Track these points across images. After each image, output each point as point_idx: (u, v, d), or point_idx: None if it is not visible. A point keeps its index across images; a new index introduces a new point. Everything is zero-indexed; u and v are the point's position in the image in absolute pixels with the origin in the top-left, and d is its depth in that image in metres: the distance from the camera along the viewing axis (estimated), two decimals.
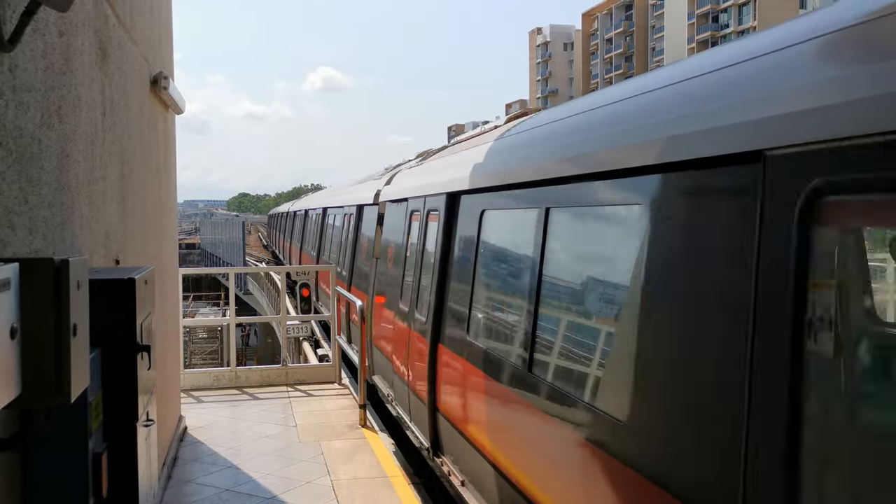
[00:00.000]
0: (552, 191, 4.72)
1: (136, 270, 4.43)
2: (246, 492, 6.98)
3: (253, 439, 8.56)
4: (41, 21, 3.49)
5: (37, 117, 3.45)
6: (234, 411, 9.77)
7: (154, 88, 7.19)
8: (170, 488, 7.10)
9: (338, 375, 11.31)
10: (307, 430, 8.91)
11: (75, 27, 4.16)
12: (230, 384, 10.97)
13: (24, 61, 3.28)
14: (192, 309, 40.33)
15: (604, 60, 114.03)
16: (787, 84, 2.64)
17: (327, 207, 20.08)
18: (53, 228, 3.70)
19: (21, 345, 2.78)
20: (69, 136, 4.02)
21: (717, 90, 3.10)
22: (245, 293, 40.48)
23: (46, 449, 3.40)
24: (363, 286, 12.24)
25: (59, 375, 2.91)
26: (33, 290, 2.84)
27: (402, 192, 9.68)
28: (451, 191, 7.16)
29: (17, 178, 3.18)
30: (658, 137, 3.37)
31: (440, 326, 7.10)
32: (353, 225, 14.41)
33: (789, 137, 2.54)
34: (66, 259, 2.95)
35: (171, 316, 8.66)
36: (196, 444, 8.40)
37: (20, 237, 3.21)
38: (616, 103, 4.16)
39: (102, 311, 3.77)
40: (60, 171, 3.84)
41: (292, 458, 7.90)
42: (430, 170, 8.97)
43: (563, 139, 4.71)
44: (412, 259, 8.49)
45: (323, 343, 17.35)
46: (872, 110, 2.19)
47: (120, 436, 4.03)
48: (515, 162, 5.58)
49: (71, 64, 4.07)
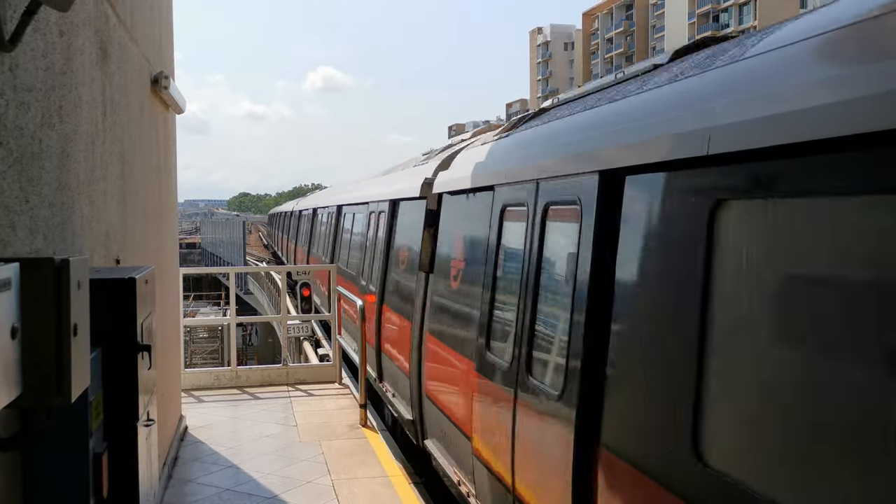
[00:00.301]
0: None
1: (136, 270, 4.43)
2: (246, 491, 6.98)
3: (253, 439, 8.56)
4: (42, 21, 3.49)
5: (37, 117, 3.45)
6: (234, 411, 9.77)
7: (154, 88, 7.19)
8: (170, 488, 7.10)
9: (338, 375, 11.32)
10: (308, 429, 8.91)
11: (76, 27, 4.16)
12: (231, 384, 10.98)
13: (25, 61, 3.28)
14: (193, 308, 40.34)
15: (604, 60, 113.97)
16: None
17: (343, 205, 16.52)
18: (54, 228, 3.70)
19: (22, 344, 2.78)
20: (70, 136, 4.02)
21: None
22: (246, 293, 40.49)
23: (47, 449, 3.40)
24: (404, 309, 8.95)
25: (59, 375, 2.91)
26: (34, 290, 2.84)
27: (482, 178, 6.38)
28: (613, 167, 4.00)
29: (17, 177, 3.18)
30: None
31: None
32: (383, 226, 11.25)
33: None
34: (66, 259, 2.95)
35: (172, 315, 8.66)
36: (197, 444, 8.40)
37: (21, 237, 3.21)
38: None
39: (103, 310, 3.78)
40: (61, 170, 3.84)
41: (293, 458, 7.90)
42: (530, 140, 5.55)
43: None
44: (522, 279, 5.09)
45: (323, 342, 17.35)
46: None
47: (120, 435, 4.03)
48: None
49: (71, 64, 4.07)
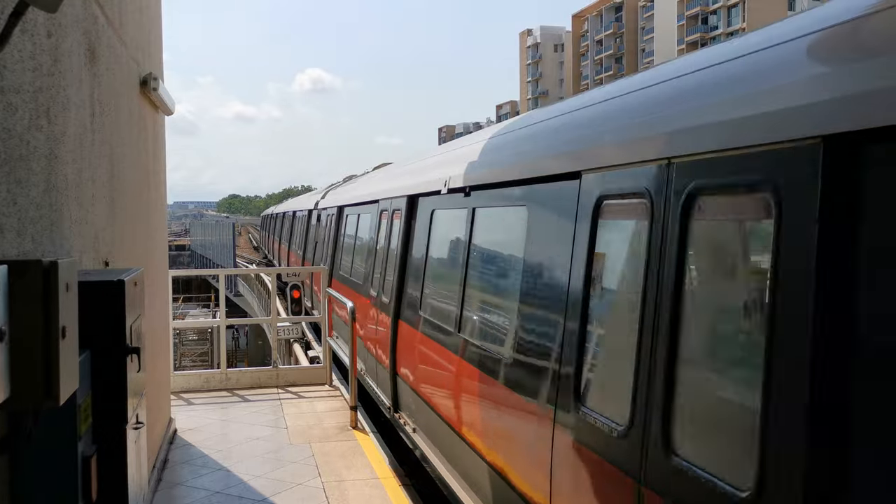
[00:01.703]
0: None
1: (125, 272, 4.41)
2: (236, 494, 6.96)
3: (243, 441, 8.53)
4: (29, 22, 3.48)
5: (25, 118, 3.44)
6: (224, 413, 9.73)
7: (143, 89, 7.16)
8: (160, 491, 7.07)
9: (329, 377, 11.29)
10: (298, 431, 8.88)
11: (64, 28, 4.14)
12: (220, 386, 10.94)
13: (12, 62, 3.26)
14: (183, 311, 40.16)
15: (594, 62, 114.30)
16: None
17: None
18: (42, 230, 3.69)
19: (9, 347, 2.76)
20: (58, 138, 4.00)
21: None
22: (235, 294, 40.36)
23: (35, 452, 3.38)
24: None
25: (47, 378, 2.90)
26: (22, 293, 2.82)
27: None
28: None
29: (5, 179, 3.16)
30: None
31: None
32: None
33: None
34: (54, 261, 2.93)
35: (161, 318, 8.62)
36: (186, 447, 8.36)
37: (8, 239, 3.19)
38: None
39: (92, 313, 3.76)
40: (49, 172, 3.83)
41: (283, 460, 7.88)
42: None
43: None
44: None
45: (314, 344, 17.32)
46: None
47: (109, 439, 4.01)
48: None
49: (59, 65, 4.05)
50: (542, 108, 5.79)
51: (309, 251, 20.37)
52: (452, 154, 7.56)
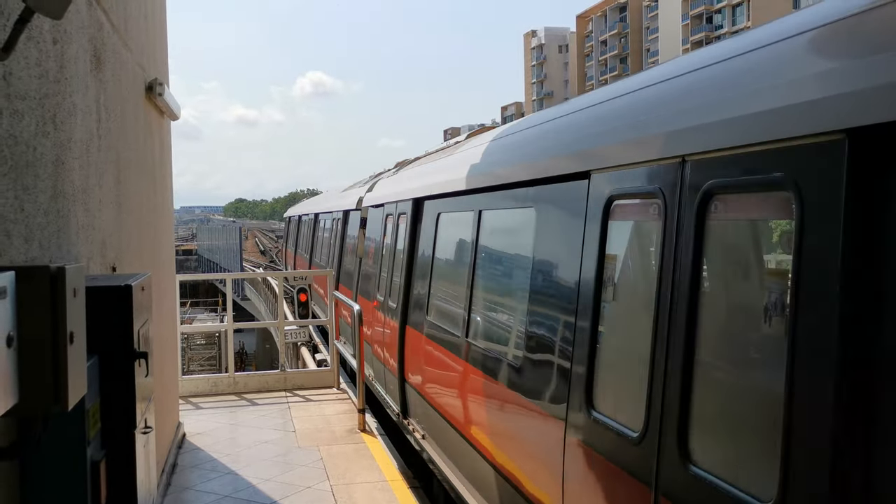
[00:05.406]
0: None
1: (132, 277, 4.43)
2: (245, 498, 6.96)
3: (252, 445, 8.54)
4: (35, 29, 3.49)
5: (32, 125, 3.45)
6: (232, 417, 9.75)
7: (149, 95, 7.18)
8: (169, 495, 7.08)
9: (336, 380, 11.30)
10: (306, 435, 8.89)
11: (70, 35, 4.16)
12: (228, 390, 10.96)
13: (19, 69, 3.28)
14: (190, 315, 40.27)
15: (599, 62, 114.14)
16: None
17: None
18: (49, 236, 3.70)
19: (18, 353, 2.77)
20: (64, 144, 4.01)
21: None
22: (243, 298, 40.46)
23: (45, 457, 3.39)
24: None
25: (56, 383, 2.91)
26: (30, 299, 2.83)
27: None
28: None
29: (12, 185, 3.17)
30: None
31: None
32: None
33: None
34: (62, 267, 2.94)
35: (169, 322, 8.64)
36: (195, 451, 8.38)
37: (16, 245, 3.20)
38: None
39: (99, 318, 3.77)
40: (56, 178, 3.84)
41: (291, 464, 7.89)
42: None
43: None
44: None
45: (321, 348, 17.33)
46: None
47: (118, 443, 4.02)
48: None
49: (65, 71, 4.06)
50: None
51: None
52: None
